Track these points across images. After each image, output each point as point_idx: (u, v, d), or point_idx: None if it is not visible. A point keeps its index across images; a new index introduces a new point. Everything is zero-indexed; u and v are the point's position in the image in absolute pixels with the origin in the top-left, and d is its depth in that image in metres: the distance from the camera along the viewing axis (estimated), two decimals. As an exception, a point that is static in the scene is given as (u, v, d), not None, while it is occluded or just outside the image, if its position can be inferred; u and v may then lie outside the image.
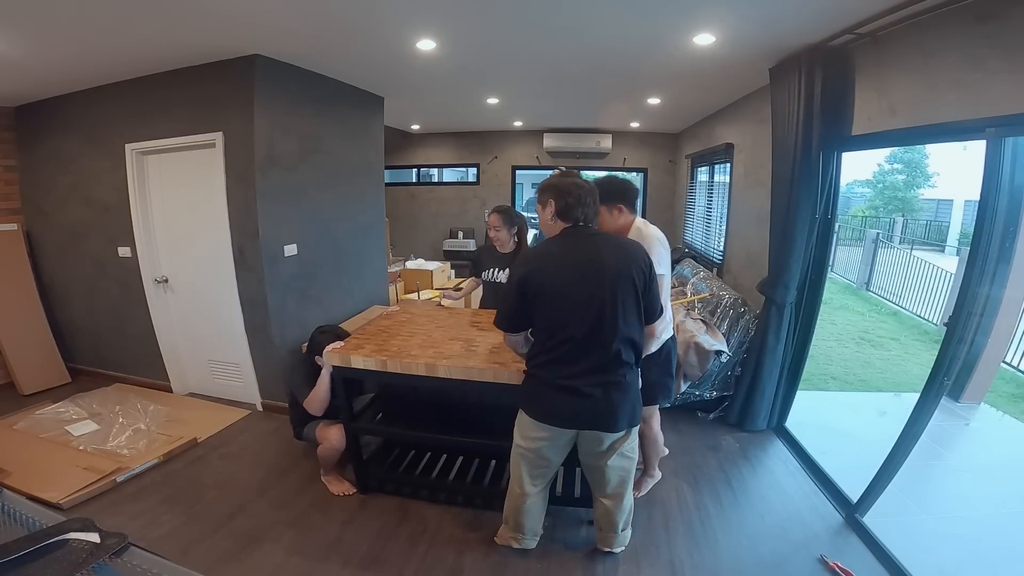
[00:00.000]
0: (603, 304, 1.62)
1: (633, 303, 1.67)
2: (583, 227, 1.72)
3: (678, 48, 2.81)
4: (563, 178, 1.75)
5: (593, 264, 1.64)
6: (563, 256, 1.67)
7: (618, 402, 1.69)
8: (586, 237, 1.70)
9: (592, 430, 1.73)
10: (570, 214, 1.69)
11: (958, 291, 1.97)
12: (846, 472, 2.59)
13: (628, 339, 1.67)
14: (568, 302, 1.63)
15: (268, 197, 3.08)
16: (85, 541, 0.69)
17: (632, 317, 1.67)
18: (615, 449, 1.79)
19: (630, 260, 1.67)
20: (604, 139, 6.45)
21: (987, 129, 1.79)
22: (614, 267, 1.64)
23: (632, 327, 1.67)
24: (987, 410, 3.69)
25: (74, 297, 3.97)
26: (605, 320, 1.62)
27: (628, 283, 1.65)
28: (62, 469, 2.58)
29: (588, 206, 1.70)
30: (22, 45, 2.55)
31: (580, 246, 1.67)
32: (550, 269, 1.66)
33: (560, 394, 1.68)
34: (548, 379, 1.69)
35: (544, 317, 1.67)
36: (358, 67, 3.35)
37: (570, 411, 1.70)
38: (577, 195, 1.69)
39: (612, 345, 1.64)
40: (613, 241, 1.75)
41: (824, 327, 5.86)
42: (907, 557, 2.03)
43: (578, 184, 1.71)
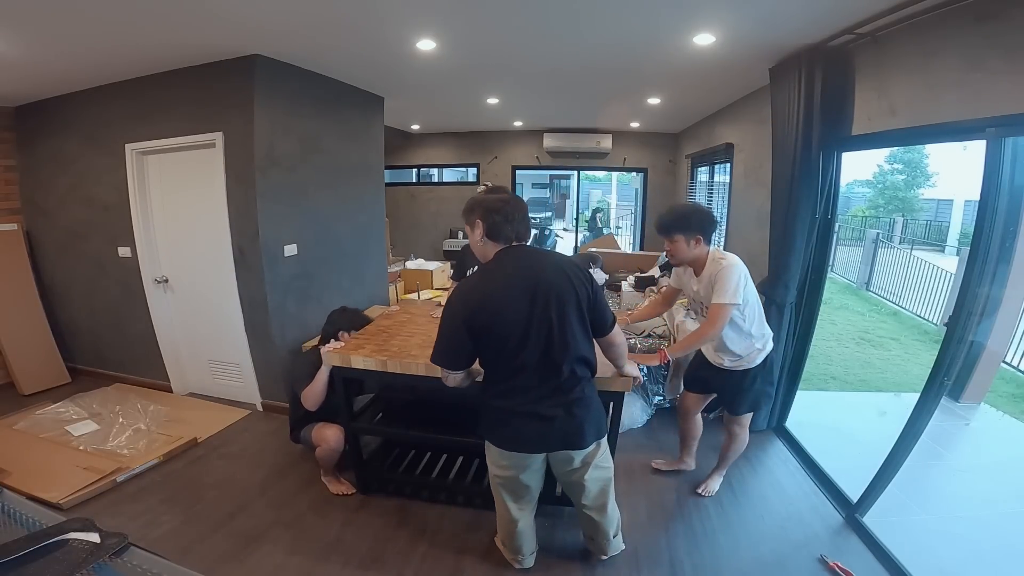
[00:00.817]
0: (551, 326, 1.55)
1: (578, 320, 1.60)
2: (517, 247, 1.62)
3: (678, 48, 2.81)
4: (488, 195, 1.66)
5: (537, 286, 1.55)
6: (505, 285, 1.56)
7: (582, 418, 1.65)
8: (523, 257, 1.60)
9: (562, 450, 1.70)
10: (499, 233, 1.60)
11: (958, 291, 1.97)
12: (846, 472, 2.59)
13: (580, 357, 1.62)
14: (518, 331, 1.55)
15: (268, 197, 3.08)
16: (85, 541, 0.69)
17: (580, 334, 1.61)
18: (588, 463, 1.75)
19: (569, 276, 1.59)
20: (604, 139, 6.46)
21: (987, 129, 1.78)
22: (556, 286, 1.56)
23: (582, 344, 1.62)
24: (987, 410, 3.69)
25: (74, 297, 3.97)
26: (554, 342, 1.56)
27: (571, 300, 1.58)
28: (62, 469, 2.58)
29: (518, 222, 1.60)
30: (22, 45, 2.55)
31: (519, 269, 1.57)
32: (494, 303, 1.55)
33: (523, 420, 1.63)
34: (508, 407, 1.64)
35: (494, 350, 1.60)
36: (358, 67, 3.35)
37: (536, 435, 1.65)
38: (505, 212, 1.58)
39: (564, 366, 1.59)
40: (549, 259, 1.66)
41: (824, 327, 5.86)
42: (907, 557, 2.03)
43: (504, 200, 1.61)
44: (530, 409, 1.61)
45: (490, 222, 1.59)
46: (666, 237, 2.18)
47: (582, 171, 7.87)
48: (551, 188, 17.20)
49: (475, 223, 1.62)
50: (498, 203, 1.60)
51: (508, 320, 1.54)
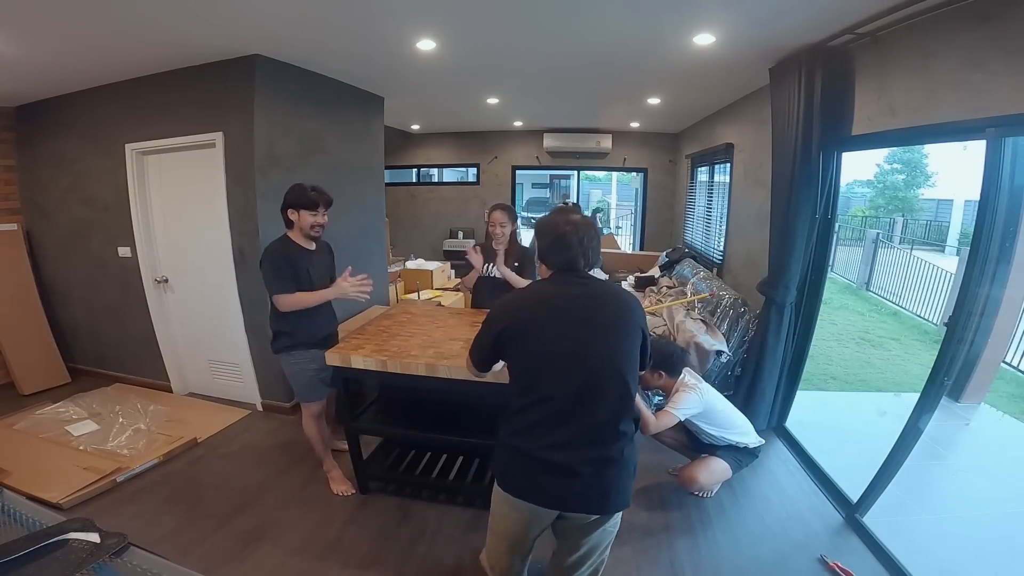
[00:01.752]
0: (595, 361, 1.34)
1: (633, 359, 1.40)
2: (571, 273, 1.44)
3: (678, 48, 2.81)
4: (553, 215, 1.52)
5: (584, 312, 1.38)
6: (545, 301, 1.42)
7: (612, 481, 1.36)
8: (576, 283, 1.43)
9: (579, 513, 1.40)
10: (549, 258, 1.46)
11: (958, 291, 1.97)
12: (846, 472, 2.59)
13: (629, 405, 1.38)
14: (545, 355, 1.36)
15: (268, 197, 3.08)
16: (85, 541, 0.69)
17: (633, 375, 1.39)
18: (600, 524, 1.43)
19: (630, 309, 1.42)
20: (604, 139, 6.46)
21: (987, 129, 1.78)
22: (612, 316, 1.39)
23: (633, 388, 1.38)
24: (987, 410, 3.69)
25: (74, 297, 3.97)
26: (597, 381, 1.33)
27: (631, 333, 1.39)
28: (62, 469, 2.58)
29: (573, 248, 1.41)
30: (22, 45, 2.55)
31: (568, 291, 1.41)
32: (527, 315, 1.42)
33: (541, 469, 1.34)
34: (525, 447, 1.36)
35: (517, 368, 1.43)
36: (358, 67, 3.35)
37: (553, 491, 1.36)
38: (557, 236, 1.42)
39: (606, 411, 1.33)
40: (609, 288, 1.50)
41: (824, 327, 5.86)
42: (907, 557, 2.03)
43: (566, 223, 1.43)
44: (552, 457, 1.33)
45: (543, 244, 1.46)
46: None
47: (582, 171, 7.87)
48: (551, 188, 17.20)
49: (537, 243, 1.51)
50: (549, 226, 1.46)
51: (535, 337, 1.37)
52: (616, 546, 2.19)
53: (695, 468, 2.46)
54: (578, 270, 1.44)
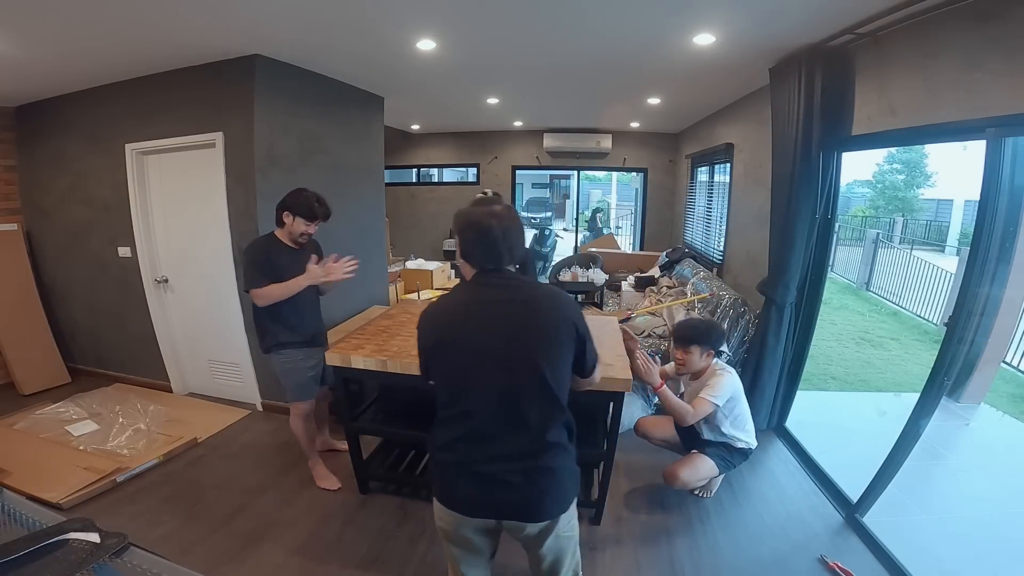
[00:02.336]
0: (519, 371, 1.24)
1: (565, 368, 1.30)
2: (494, 272, 1.30)
3: (678, 48, 2.81)
4: (472, 207, 1.35)
5: (507, 318, 1.25)
6: (465, 309, 1.31)
7: (545, 489, 1.29)
8: (500, 285, 1.29)
9: (513, 521, 1.33)
10: (472, 257, 1.31)
11: (958, 291, 1.97)
12: (846, 472, 2.59)
13: (560, 417, 1.30)
14: (466, 367, 1.27)
15: (268, 197, 3.07)
16: (85, 541, 0.69)
17: (564, 386, 1.30)
18: (549, 532, 1.34)
19: (563, 311, 1.29)
20: (604, 139, 6.46)
21: (987, 129, 1.78)
22: (539, 321, 1.26)
23: (563, 399, 1.30)
24: (987, 410, 3.69)
25: (74, 297, 3.97)
26: (522, 391, 1.24)
27: (561, 342, 1.27)
28: (62, 469, 2.58)
29: (497, 244, 1.27)
30: (22, 45, 2.55)
31: (490, 296, 1.28)
32: (446, 327, 1.31)
33: (470, 480, 1.28)
34: (454, 461, 1.31)
35: (440, 381, 1.34)
36: (358, 67, 3.35)
37: (485, 500, 1.29)
38: (482, 231, 1.27)
39: (533, 422, 1.25)
40: (539, 290, 1.34)
41: (824, 327, 5.86)
42: (907, 557, 2.03)
43: (489, 215, 1.28)
44: (480, 468, 1.27)
45: (464, 240, 1.31)
46: (683, 347, 2.36)
47: (582, 171, 7.87)
48: (551, 188, 17.21)
49: (457, 239, 1.36)
50: (478, 219, 1.29)
51: (464, 350, 1.27)
52: (616, 546, 2.22)
53: (679, 465, 2.40)
54: (502, 269, 1.31)
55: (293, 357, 2.42)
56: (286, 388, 2.50)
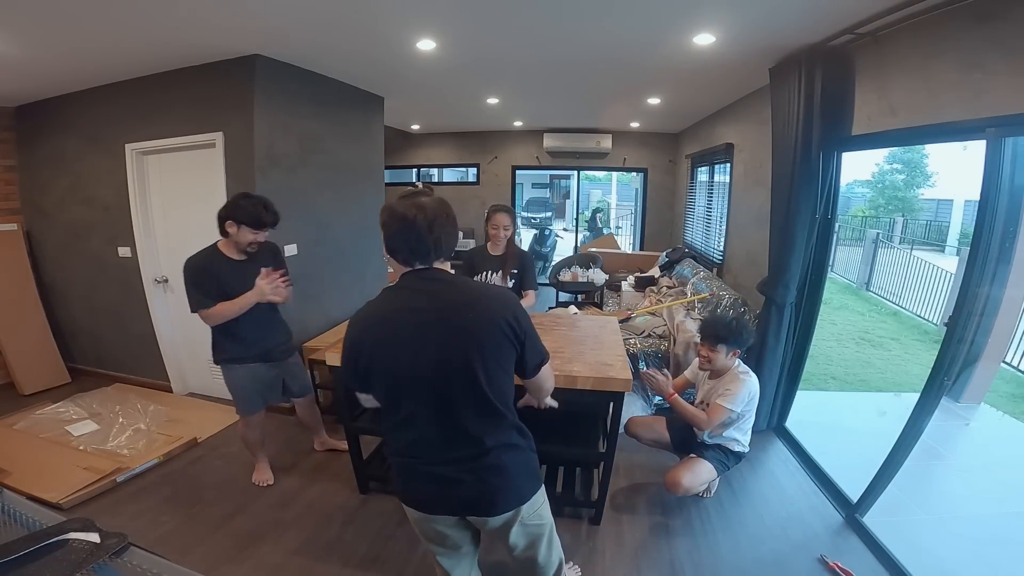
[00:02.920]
0: (453, 379, 1.19)
1: (503, 374, 1.24)
2: (427, 271, 1.25)
3: (678, 48, 2.81)
4: (398, 201, 1.25)
5: (443, 323, 1.19)
6: (392, 313, 1.23)
7: (498, 486, 1.28)
8: (427, 285, 1.23)
9: (471, 516, 1.34)
10: (396, 252, 1.24)
11: (958, 291, 1.97)
12: (846, 472, 2.59)
13: (499, 422, 1.26)
14: (405, 374, 1.21)
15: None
16: (85, 541, 0.69)
17: (503, 393, 1.25)
18: (511, 524, 1.34)
19: (493, 309, 1.22)
20: (604, 139, 6.45)
21: (987, 129, 1.78)
22: (469, 319, 1.20)
23: (504, 406, 1.26)
24: (987, 410, 3.69)
25: (74, 297, 3.97)
26: (458, 400, 1.21)
27: (495, 348, 1.21)
28: (62, 469, 2.58)
29: (422, 238, 1.20)
30: (23, 45, 2.55)
31: (417, 299, 1.21)
32: (377, 333, 1.23)
33: (424, 480, 1.28)
34: (408, 464, 1.29)
35: (378, 391, 1.28)
36: (358, 67, 3.35)
37: (442, 498, 1.29)
38: (402, 225, 1.20)
39: (472, 426, 1.23)
40: (468, 287, 1.30)
41: (824, 327, 5.86)
42: (907, 557, 2.03)
43: (414, 207, 1.20)
44: (432, 470, 1.26)
45: (388, 235, 1.24)
46: (711, 345, 2.30)
47: (582, 171, 7.87)
48: (551, 188, 17.20)
49: (382, 234, 1.27)
50: (403, 211, 1.20)
51: (394, 357, 1.21)
52: (616, 546, 2.22)
53: (680, 471, 2.31)
54: (430, 266, 1.25)
55: (239, 373, 2.38)
56: (234, 400, 2.48)
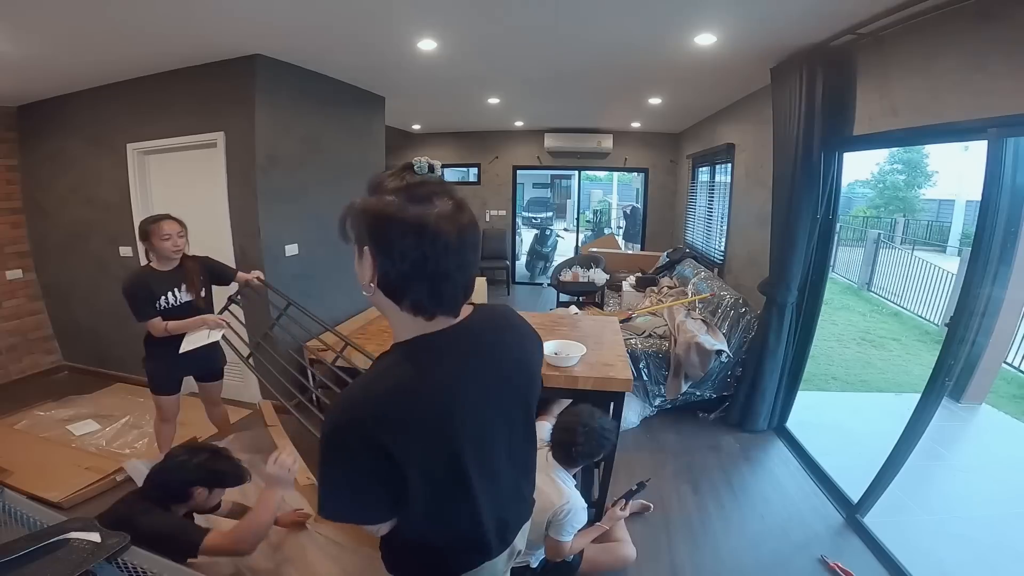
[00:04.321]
0: (517, 434, 0.98)
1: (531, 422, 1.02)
2: (451, 320, 0.82)
3: (679, 48, 2.81)
4: (404, 200, 0.73)
5: (497, 383, 0.90)
6: (445, 393, 0.81)
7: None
8: (470, 339, 0.85)
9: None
10: (406, 290, 0.77)
11: (959, 292, 1.97)
12: (847, 472, 2.59)
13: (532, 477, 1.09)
14: (481, 452, 0.87)
15: (269, 197, 3.09)
16: (86, 541, 0.69)
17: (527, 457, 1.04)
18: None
19: (537, 353, 1.03)
20: (605, 139, 6.45)
21: (989, 130, 1.78)
22: (526, 364, 0.97)
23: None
24: (988, 411, 3.68)
25: (76, 297, 3.97)
26: (516, 453, 0.99)
27: (532, 397, 0.99)
28: (63, 469, 2.59)
29: (463, 267, 0.78)
30: (24, 45, 2.55)
31: (471, 364, 0.85)
32: (428, 426, 0.79)
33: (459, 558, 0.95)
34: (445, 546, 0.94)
35: (419, 496, 0.83)
36: (359, 67, 3.35)
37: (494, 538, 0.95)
38: (422, 245, 0.73)
39: (526, 489, 1.06)
40: (510, 323, 0.98)
41: (825, 327, 5.85)
42: (907, 557, 2.03)
43: (431, 220, 0.73)
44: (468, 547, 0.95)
45: (388, 255, 0.75)
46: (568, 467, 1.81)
47: (583, 171, 7.87)
48: (552, 188, 17.17)
49: (362, 252, 0.78)
50: (418, 224, 0.72)
51: (469, 435, 0.83)
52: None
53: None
54: (457, 311, 0.83)
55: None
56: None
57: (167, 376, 2.40)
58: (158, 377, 2.38)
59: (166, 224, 2.23)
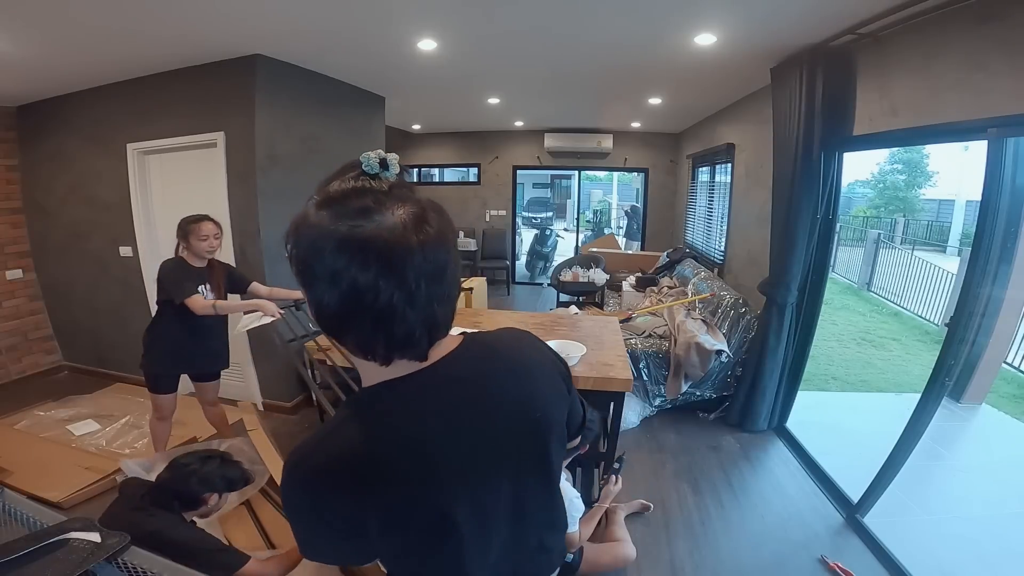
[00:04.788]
0: (530, 483, 0.79)
1: (559, 458, 0.84)
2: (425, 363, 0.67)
3: (679, 48, 2.81)
4: (360, 211, 0.57)
5: (517, 416, 0.75)
6: (456, 420, 0.69)
7: None
8: (462, 372, 0.73)
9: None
10: (360, 339, 0.62)
11: (959, 292, 1.97)
12: (847, 472, 2.59)
13: (559, 525, 0.92)
14: (479, 507, 0.72)
15: (269, 196, 3.09)
16: (86, 540, 0.69)
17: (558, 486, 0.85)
18: None
19: (559, 375, 0.84)
20: (605, 139, 6.45)
21: (989, 129, 1.78)
22: (548, 407, 0.79)
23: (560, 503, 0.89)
24: (988, 411, 3.68)
25: (76, 297, 3.97)
26: (528, 508, 0.80)
27: (557, 428, 0.81)
28: (63, 469, 2.59)
29: (441, 301, 0.64)
30: (24, 45, 2.55)
31: (482, 386, 0.74)
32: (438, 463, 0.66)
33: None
34: None
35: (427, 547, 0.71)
36: (359, 67, 3.35)
37: None
38: (349, 264, 0.56)
39: (533, 540, 0.85)
40: (531, 352, 0.83)
41: (825, 327, 5.85)
42: (907, 557, 2.03)
43: (391, 236, 0.56)
44: None
45: (315, 292, 0.60)
46: None
47: (583, 171, 7.87)
48: (552, 188, 17.16)
49: (305, 288, 0.61)
50: (389, 237, 0.56)
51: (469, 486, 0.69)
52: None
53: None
54: (422, 354, 0.66)
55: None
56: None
57: (165, 374, 2.41)
58: (156, 375, 2.39)
59: (206, 225, 2.34)
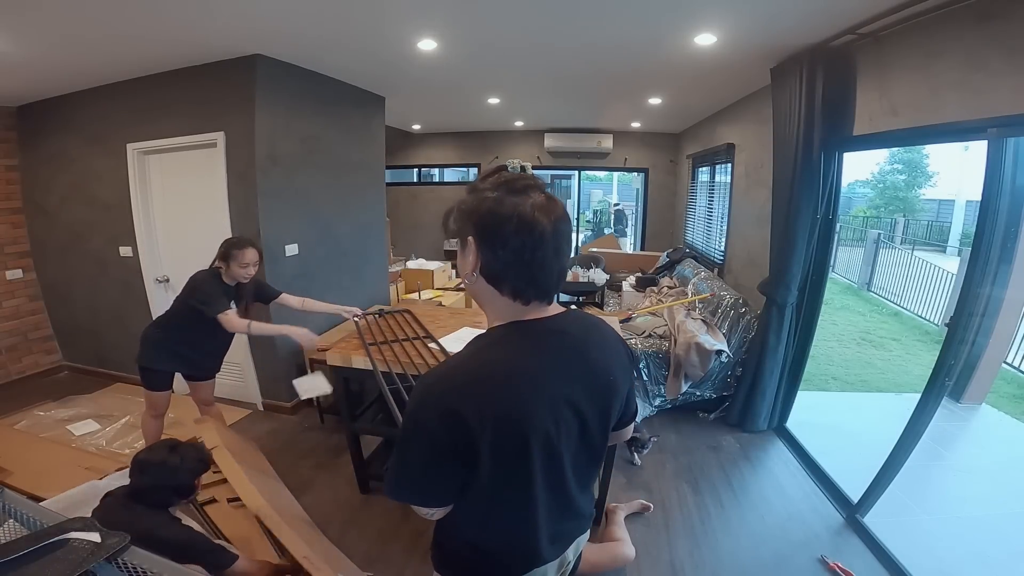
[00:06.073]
0: (590, 439, 0.93)
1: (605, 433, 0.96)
2: (566, 314, 0.90)
3: (679, 48, 2.81)
4: (506, 193, 0.81)
5: (583, 372, 0.88)
6: (526, 375, 0.83)
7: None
8: (558, 325, 0.88)
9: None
10: (505, 277, 0.82)
11: (959, 292, 1.97)
12: (847, 472, 2.59)
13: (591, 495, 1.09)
14: (551, 446, 0.85)
15: (269, 196, 3.09)
16: (86, 540, 0.69)
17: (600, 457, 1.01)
18: None
19: (624, 357, 0.99)
20: (605, 139, 6.45)
21: (989, 129, 1.78)
22: (610, 365, 0.93)
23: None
24: (988, 411, 3.68)
25: (75, 297, 3.97)
26: (581, 464, 0.95)
27: (616, 403, 0.95)
28: (63, 469, 2.59)
29: (555, 257, 0.83)
30: (24, 46, 2.55)
31: (553, 347, 0.86)
32: (508, 404, 0.80)
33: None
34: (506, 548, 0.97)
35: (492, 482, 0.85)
36: (359, 67, 3.35)
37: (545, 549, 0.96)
38: (522, 236, 0.79)
39: (579, 501, 1.00)
40: (602, 329, 0.97)
41: (825, 327, 5.85)
42: (907, 557, 2.03)
43: (528, 212, 0.79)
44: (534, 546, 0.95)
45: (491, 246, 0.80)
46: None
47: (583, 171, 7.87)
48: (552, 188, 17.15)
49: (466, 243, 0.84)
50: (520, 218, 0.78)
51: (544, 428, 0.82)
52: (616, 546, 2.21)
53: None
54: (551, 297, 0.88)
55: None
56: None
57: (161, 372, 2.43)
58: (152, 372, 2.41)
59: (249, 252, 2.34)
